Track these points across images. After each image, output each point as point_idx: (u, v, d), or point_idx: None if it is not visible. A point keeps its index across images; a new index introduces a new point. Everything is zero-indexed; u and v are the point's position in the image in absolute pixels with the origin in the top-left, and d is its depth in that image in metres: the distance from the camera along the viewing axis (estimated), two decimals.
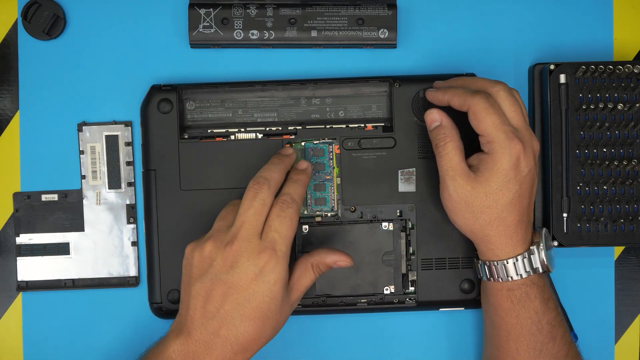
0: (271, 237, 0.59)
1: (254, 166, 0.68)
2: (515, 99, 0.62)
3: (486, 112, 0.61)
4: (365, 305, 0.69)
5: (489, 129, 0.61)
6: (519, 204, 0.62)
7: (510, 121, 0.62)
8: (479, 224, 0.62)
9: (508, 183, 0.61)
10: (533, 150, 0.62)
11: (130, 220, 0.70)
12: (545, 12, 0.71)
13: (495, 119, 0.61)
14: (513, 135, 0.61)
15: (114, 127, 0.70)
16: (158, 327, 0.71)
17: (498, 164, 0.61)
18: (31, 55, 0.71)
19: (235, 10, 0.69)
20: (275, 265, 0.59)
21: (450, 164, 0.62)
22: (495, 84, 0.63)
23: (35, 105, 0.71)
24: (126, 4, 0.71)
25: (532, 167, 0.62)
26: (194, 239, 0.68)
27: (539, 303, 0.62)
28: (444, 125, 0.63)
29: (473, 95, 0.61)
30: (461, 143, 0.63)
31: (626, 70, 0.66)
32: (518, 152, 0.61)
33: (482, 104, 0.61)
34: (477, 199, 0.61)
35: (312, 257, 0.63)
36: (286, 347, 0.71)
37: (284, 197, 0.61)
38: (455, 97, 0.63)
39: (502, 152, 0.61)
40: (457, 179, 0.62)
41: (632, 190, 0.67)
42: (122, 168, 0.70)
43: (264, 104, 0.70)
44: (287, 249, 0.59)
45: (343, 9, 0.69)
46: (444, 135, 0.63)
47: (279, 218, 0.60)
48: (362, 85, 0.69)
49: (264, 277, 0.58)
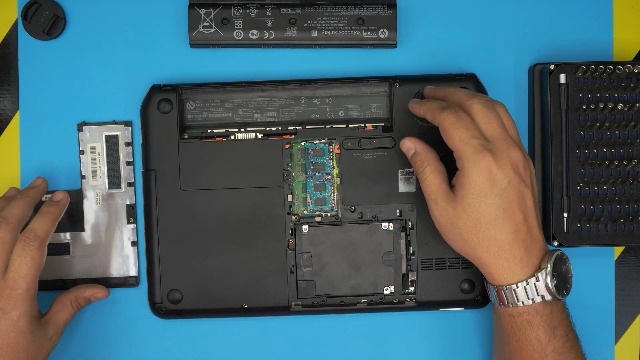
0: (11, 276, 0.61)
1: (254, 166, 0.69)
2: (491, 111, 0.60)
3: (453, 127, 0.59)
4: (365, 305, 0.69)
5: (456, 144, 0.59)
6: (508, 219, 0.59)
7: (484, 133, 0.59)
8: (469, 246, 0.60)
9: (485, 198, 0.58)
10: (511, 160, 0.59)
11: (130, 220, 0.70)
12: (545, 12, 0.71)
13: (462, 133, 0.59)
14: (482, 148, 0.58)
15: (114, 127, 0.70)
16: (158, 327, 0.71)
17: (469, 180, 0.59)
18: (31, 55, 0.71)
19: (235, 10, 0.69)
20: (16, 303, 0.61)
21: (431, 188, 0.61)
22: (471, 97, 0.61)
23: (35, 105, 0.71)
24: (126, 4, 0.71)
25: (512, 177, 0.59)
26: (194, 239, 0.69)
27: (543, 332, 0.59)
28: (418, 152, 0.62)
29: (442, 111, 0.60)
30: (440, 164, 0.62)
31: (626, 70, 0.66)
32: (488, 164, 0.58)
33: (450, 119, 0.59)
34: (461, 219, 0.59)
35: (71, 293, 0.67)
36: (286, 347, 0.71)
37: (27, 234, 0.63)
38: (428, 112, 0.62)
39: (470, 167, 0.58)
40: (439, 202, 0.60)
41: (632, 190, 0.67)
42: (122, 168, 0.70)
43: (264, 104, 0.70)
44: (27, 286, 0.62)
45: (343, 9, 0.69)
46: (421, 161, 0.62)
47: (19, 257, 0.62)
48: (362, 85, 0.69)
49: (6, 314, 0.61)
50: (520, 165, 0.59)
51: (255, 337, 0.71)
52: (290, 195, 0.69)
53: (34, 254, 0.62)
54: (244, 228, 0.69)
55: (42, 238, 0.63)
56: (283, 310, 0.69)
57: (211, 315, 0.70)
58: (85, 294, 0.68)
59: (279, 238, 0.69)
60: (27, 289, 0.62)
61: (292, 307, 0.69)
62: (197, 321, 0.71)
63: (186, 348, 0.71)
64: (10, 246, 0.62)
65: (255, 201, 0.69)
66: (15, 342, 0.62)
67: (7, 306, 0.61)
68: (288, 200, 0.69)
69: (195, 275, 0.69)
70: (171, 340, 0.71)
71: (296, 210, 0.69)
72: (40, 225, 0.64)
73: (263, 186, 0.69)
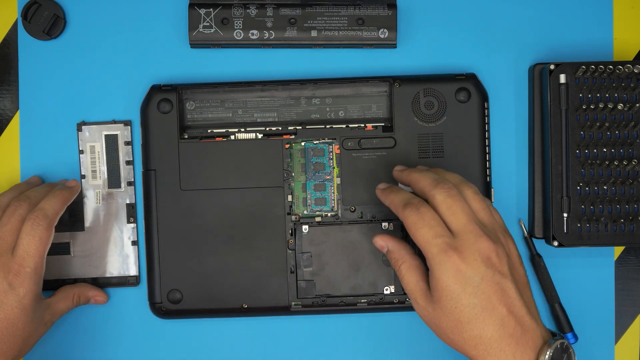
0: (20, 254, 0.62)
1: (254, 166, 0.69)
2: (454, 200, 0.57)
3: (415, 227, 0.56)
4: (365, 305, 0.69)
5: (421, 244, 0.56)
6: (489, 316, 0.55)
7: (449, 226, 0.56)
8: (457, 345, 0.56)
9: (459, 299, 0.55)
10: (480, 253, 0.55)
11: (130, 219, 0.70)
12: (545, 12, 0.71)
13: (425, 232, 0.56)
14: (447, 247, 0.55)
15: (114, 126, 0.70)
16: (158, 327, 0.71)
17: (440, 282, 0.55)
18: (31, 55, 0.71)
19: (235, 10, 0.69)
20: (24, 280, 0.62)
21: (409, 287, 0.59)
22: (434, 186, 0.58)
23: (35, 105, 0.71)
24: (126, 4, 0.71)
25: (484, 272, 0.55)
26: (194, 239, 0.68)
27: None
28: (391, 250, 0.61)
29: (404, 208, 0.58)
30: (415, 259, 0.59)
31: (626, 70, 0.66)
32: (455, 264, 0.55)
33: (412, 217, 0.57)
34: (442, 319, 0.56)
35: (76, 287, 0.69)
36: (286, 347, 0.71)
37: (36, 212, 0.63)
38: (391, 206, 0.60)
39: (438, 269, 0.55)
40: (419, 301, 0.58)
41: (632, 190, 0.67)
42: (121, 167, 0.70)
43: (264, 104, 0.70)
44: (35, 265, 0.63)
45: (343, 9, 0.69)
46: (395, 259, 0.60)
47: (28, 237, 0.63)
48: (362, 85, 0.69)
49: (13, 290, 0.62)
50: (492, 256, 0.55)
51: (255, 337, 0.71)
52: (290, 195, 0.69)
53: (42, 233, 0.63)
54: (244, 228, 0.69)
55: (51, 218, 0.63)
56: (283, 310, 0.69)
57: (211, 315, 0.70)
58: (88, 294, 0.69)
59: (279, 238, 0.69)
60: (35, 268, 0.62)
61: (292, 307, 0.69)
62: (197, 321, 0.71)
63: (186, 348, 0.71)
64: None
65: (255, 201, 0.69)
66: (16, 318, 0.62)
67: (15, 282, 0.62)
68: (288, 200, 0.69)
69: (195, 275, 0.69)
70: (171, 340, 0.71)
71: (296, 210, 0.69)
72: (50, 206, 0.64)
73: (263, 186, 0.69)
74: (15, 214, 0.64)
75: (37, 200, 0.65)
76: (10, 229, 0.63)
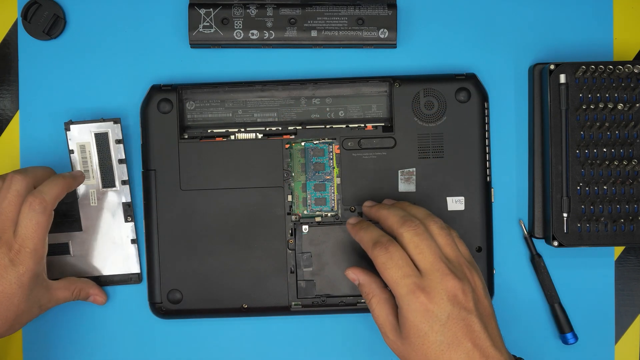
0: (20, 234, 0.62)
1: (254, 166, 0.69)
2: (422, 239, 0.58)
3: (384, 267, 0.58)
4: (365, 305, 0.69)
5: (390, 284, 0.58)
6: (455, 351, 0.56)
7: (417, 265, 0.58)
8: None
9: (426, 337, 0.57)
10: (447, 292, 0.57)
11: (127, 218, 0.70)
12: (545, 12, 0.71)
13: (394, 272, 0.57)
14: (415, 287, 0.57)
15: (103, 124, 0.70)
16: (158, 327, 0.71)
17: (408, 321, 0.57)
18: (31, 55, 0.71)
19: (235, 10, 0.69)
20: (24, 259, 0.62)
21: (379, 321, 0.60)
22: (401, 224, 0.59)
23: (35, 105, 0.71)
24: (126, 4, 0.71)
25: (450, 310, 0.56)
26: (194, 239, 0.68)
27: None
28: (362, 283, 0.62)
29: (373, 247, 0.59)
30: (385, 293, 0.60)
31: (626, 70, 0.66)
32: (423, 304, 0.57)
33: (380, 258, 0.58)
34: (411, 354, 0.58)
35: (80, 281, 0.68)
36: (286, 347, 0.71)
37: (34, 195, 0.63)
38: (361, 243, 0.61)
39: (407, 309, 0.57)
40: (388, 335, 0.60)
41: (632, 190, 0.67)
42: (114, 166, 0.70)
43: (264, 104, 0.70)
44: (35, 245, 0.63)
45: (343, 9, 0.69)
46: (366, 293, 0.61)
47: (26, 219, 0.62)
48: (362, 85, 0.69)
49: (13, 266, 0.62)
50: (459, 294, 0.57)
51: (255, 337, 0.71)
52: (290, 195, 0.69)
53: (39, 218, 0.62)
54: (244, 228, 0.69)
55: (48, 203, 0.63)
56: (283, 310, 0.69)
57: (211, 315, 0.70)
58: (90, 291, 0.69)
59: (279, 238, 0.69)
60: (34, 249, 0.62)
61: (292, 307, 0.69)
62: (197, 321, 0.71)
63: (186, 348, 0.71)
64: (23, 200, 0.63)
65: (255, 201, 0.69)
66: (13, 293, 0.62)
67: (17, 259, 0.62)
68: (288, 200, 0.69)
69: (195, 275, 0.69)
70: (171, 340, 0.71)
71: (296, 210, 0.69)
72: (49, 190, 0.64)
73: (263, 186, 0.69)
74: (12, 188, 0.63)
75: (34, 177, 0.64)
76: (9, 204, 0.63)
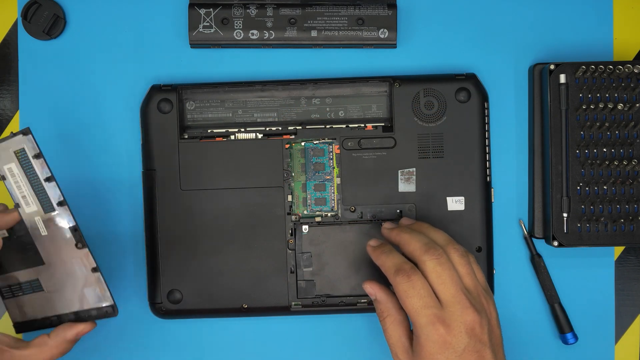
0: None
1: (254, 166, 0.69)
2: (444, 269, 0.58)
3: (406, 295, 0.58)
4: (365, 305, 0.69)
5: (410, 313, 0.58)
6: None
7: (438, 295, 0.58)
8: None
9: None
10: (466, 325, 0.57)
11: (78, 245, 0.62)
12: (545, 12, 0.71)
13: (415, 302, 0.58)
14: (435, 319, 0.57)
15: (16, 139, 0.61)
16: (158, 327, 0.71)
17: (424, 349, 0.58)
18: (31, 55, 0.71)
19: (235, 10, 0.69)
20: None
21: (391, 340, 0.61)
22: (424, 251, 0.59)
23: (35, 105, 0.71)
24: (126, 4, 0.71)
25: (467, 343, 0.57)
26: (194, 239, 0.68)
27: None
28: (379, 300, 0.62)
29: (395, 274, 0.59)
30: (400, 314, 0.61)
31: (626, 70, 0.66)
32: (442, 336, 0.57)
33: (402, 286, 0.58)
34: None
35: (51, 339, 0.62)
36: (286, 347, 0.71)
37: None
38: (382, 268, 0.61)
39: (425, 338, 0.58)
40: (399, 355, 0.60)
41: (632, 190, 0.67)
42: (45, 186, 0.61)
43: (264, 104, 0.70)
44: None
45: (343, 9, 0.69)
46: (381, 310, 0.62)
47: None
48: (362, 85, 0.69)
49: None
50: (476, 327, 0.58)
51: (255, 337, 0.71)
52: (290, 195, 0.69)
53: None
54: (244, 228, 0.69)
55: None
56: (283, 310, 0.69)
57: (211, 315, 0.70)
58: (68, 335, 0.62)
59: (279, 238, 0.69)
60: None
61: (292, 307, 0.69)
62: (197, 321, 0.71)
63: (186, 348, 0.71)
64: None
65: (255, 201, 0.69)
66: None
67: None
68: (288, 200, 0.69)
69: (195, 275, 0.69)
70: (171, 340, 0.71)
71: (296, 210, 0.69)
72: None
73: (263, 186, 0.69)
74: None
75: None
76: None
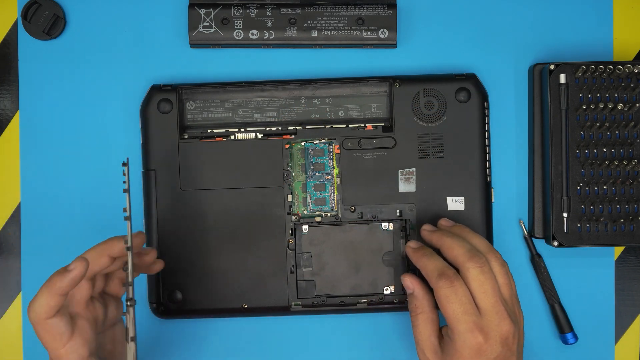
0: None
1: (254, 166, 0.69)
2: (487, 278, 0.59)
3: (447, 300, 0.59)
4: (365, 305, 0.69)
5: (449, 318, 0.59)
6: None
7: (477, 303, 0.59)
8: None
9: None
10: (501, 335, 0.59)
11: None
12: (545, 12, 0.71)
13: (456, 308, 0.58)
14: (474, 327, 0.58)
15: None
16: (158, 327, 0.71)
17: (458, 353, 0.59)
18: (31, 55, 0.71)
19: (235, 10, 0.69)
20: None
21: (420, 337, 0.61)
22: (468, 258, 0.60)
23: (35, 105, 0.71)
24: (126, 4, 0.71)
25: (499, 351, 0.59)
26: (194, 239, 0.68)
27: None
28: (415, 295, 0.62)
29: (438, 278, 0.59)
30: (433, 313, 0.62)
31: (626, 70, 0.66)
32: (479, 345, 0.58)
33: (444, 290, 0.59)
34: None
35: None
36: (286, 347, 0.71)
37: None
38: (424, 270, 0.61)
39: (461, 344, 0.58)
40: (426, 353, 0.61)
41: (632, 190, 0.67)
42: None
43: (264, 104, 0.70)
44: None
45: (343, 9, 0.69)
46: (415, 306, 0.62)
47: None
48: (362, 85, 0.69)
49: None
50: (510, 338, 0.59)
51: (255, 337, 0.71)
52: (290, 195, 0.69)
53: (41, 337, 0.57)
54: (244, 228, 0.69)
55: (35, 321, 0.56)
56: (283, 310, 0.69)
57: (211, 315, 0.70)
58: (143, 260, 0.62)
59: (279, 238, 0.69)
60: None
61: (292, 307, 0.69)
62: (197, 321, 0.71)
63: (186, 348, 0.71)
64: None
65: (255, 201, 0.69)
66: None
67: None
68: (288, 200, 0.69)
69: (195, 275, 0.69)
70: (171, 340, 0.71)
71: (296, 210, 0.69)
72: (37, 302, 0.56)
73: (263, 186, 0.69)
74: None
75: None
76: None
